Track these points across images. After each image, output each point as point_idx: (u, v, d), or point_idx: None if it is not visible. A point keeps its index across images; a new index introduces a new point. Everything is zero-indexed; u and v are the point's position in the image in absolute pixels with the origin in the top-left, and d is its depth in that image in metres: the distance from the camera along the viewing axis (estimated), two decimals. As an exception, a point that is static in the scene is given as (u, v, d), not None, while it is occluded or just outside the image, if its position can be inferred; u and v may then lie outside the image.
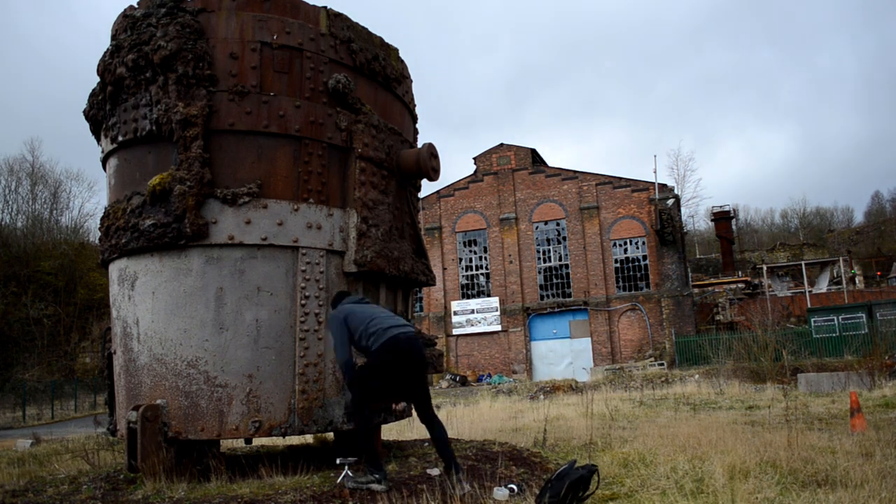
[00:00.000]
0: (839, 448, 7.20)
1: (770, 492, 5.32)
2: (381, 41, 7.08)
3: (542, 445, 8.30)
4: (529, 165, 39.89)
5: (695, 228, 73.96)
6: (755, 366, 22.26)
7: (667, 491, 5.47)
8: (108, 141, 6.48)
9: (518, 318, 38.63)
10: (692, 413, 12.69)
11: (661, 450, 7.50)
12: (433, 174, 7.04)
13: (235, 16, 6.10)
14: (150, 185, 5.85)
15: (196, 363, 5.72)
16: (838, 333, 29.46)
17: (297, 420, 5.86)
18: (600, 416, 12.43)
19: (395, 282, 6.92)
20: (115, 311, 6.41)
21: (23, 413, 30.40)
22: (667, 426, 10.03)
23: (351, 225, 6.32)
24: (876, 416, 10.58)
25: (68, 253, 47.80)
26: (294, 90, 6.18)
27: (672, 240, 36.01)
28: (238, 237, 5.83)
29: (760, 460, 6.55)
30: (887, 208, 76.27)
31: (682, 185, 55.65)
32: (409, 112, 7.71)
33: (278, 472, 5.85)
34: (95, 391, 36.25)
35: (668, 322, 35.82)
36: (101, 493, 5.51)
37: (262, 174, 5.99)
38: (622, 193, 37.94)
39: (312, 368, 5.96)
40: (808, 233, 75.99)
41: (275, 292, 5.90)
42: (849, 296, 41.50)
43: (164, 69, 5.89)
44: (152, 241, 5.80)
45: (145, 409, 5.60)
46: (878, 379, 17.59)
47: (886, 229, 64.41)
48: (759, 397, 15.76)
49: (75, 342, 46.25)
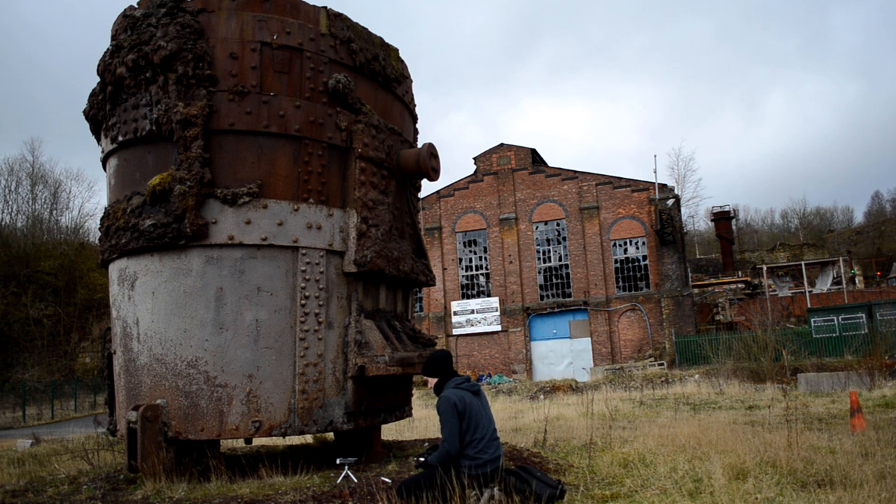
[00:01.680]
0: (839, 448, 7.20)
1: (770, 492, 5.32)
2: (381, 41, 7.08)
3: (542, 445, 8.30)
4: (529, 165, 39.88)
5: (695, 228, 74.00)
6: (755, 366, 22.26)
7: (667, 491, 5.48)
8: (108, 141, 6.48)
9: (518, 319, 38.63)
10: (692, 413, 12.69)
11: (661, 450, 7.50)
12: (433, 174, 7.04)
13: (235, 16, 6.10)
14: (150, 185, 5.85)
15: (196, 363, 5.72)
16: (838, 333, 29.44)
17: (297, 420, 5.86)
18: (600, 416, 12.44)
19: (395, 282, 6.92)
20: (115, 311, 6.41)
21: (23, 413, 30.40)
22: (667, 426, 10.03)
23: (351, 225, 6.32)
24: (876, 416, 10.58)
25: (68, 253, 47.79)
26: (294, 90, 6.18)
27: (672, 240, 36.01)
28: (238, 237, 5.83)
29: (760, 460, 6.55)
30: (887, 208, 76.30)
31: (682, 185, 55.63)
32: (409, 112, 7.71)
33: (278, 472, 5.85)
34: (95, 391, 36.25)
35: (668, 322, 35.82)
36: (101, 494, 5.51)
37: (262, 174, 5.99)
38: (622, 193, 37.93)
39: (312, 368, 5.96)
40: (808, 233, 75.97)
41: (275, 292, 5.90)
42: (849, 296, 41.49)
43: (164, 69, 5.89)
44: (152, 241, 5.80)
45: (145, 409, 5.60)
46: (878, 379, 17.59)
47: (886, 229, 64.38)
48: (759, 397, 15.76)
49: (75, 342, 46.23)
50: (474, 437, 4.80)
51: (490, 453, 4.84)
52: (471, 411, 4.82)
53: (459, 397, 4.84)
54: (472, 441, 4.79)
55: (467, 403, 4.82)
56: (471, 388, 5.00)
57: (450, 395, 4.88)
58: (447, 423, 4.81)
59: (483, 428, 4.85)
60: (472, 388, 5.01)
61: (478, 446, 4.81)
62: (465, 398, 4.85)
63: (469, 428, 4.80)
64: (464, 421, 4.78)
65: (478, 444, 4.81)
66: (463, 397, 4.85)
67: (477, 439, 4.80)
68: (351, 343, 6.20)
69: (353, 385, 6.20)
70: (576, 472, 6.62)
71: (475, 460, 4.78)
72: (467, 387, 4.98)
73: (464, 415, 4.79)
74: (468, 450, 4.79)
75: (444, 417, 4.84)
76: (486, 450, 4.83)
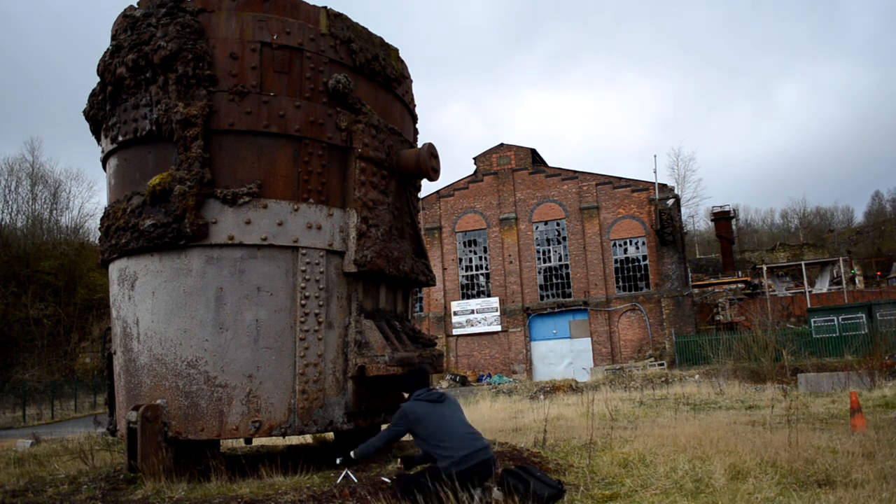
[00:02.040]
0: (839, 448, 7.19)
1: (770, 492, 5.32)
2: (381, 41, 7.08)
3: (542, 445, 8.30)
4: (529, 165, 39.89)
5: (695, 228, 73.99)
6: (755, 366, 22.26)
7: (667, 491, 5.48)
8: (108, 141, 6.48)
9: (518, 319, 38.63)
10: (692, 413, 12.68)
11: (661, 450, 7.49)
12: (433, 174, 7.04)
13: (235, 16, 6.10)
14: (150, 185, 5.85)
15: (196, 363, 5.72)
16: (838, 333, 29.43)
17: (297, 420, 5.86)
18: (600, 416, 12.43)
19: (395, 282, 6.92)
20: (115, 311, 6.41)
21: (23, 413, 30.38)
22: (667, 426, 10.03)
23: (351, 225, 6.32)
24: (876, 416, 10.58)
25: (68, 253, 47.78)
26: (294, 90, 6.18)
27: (672, 240, 36.01)
28: (238, 237, 5.83)
29: (761, 460, 6.55)
30: (887, 208, 76.26)
31: (682, 185, 55.66)
32: (409, 112, 7.71)
33: (278, 472, 5.85)
34: (95, 391, 36.24)
35: (668, 322, 35.82)
36: (101, 494, 5.51)
37: (262, 174, 5.99)
38: (622, 193, 37.92)
39: (312, 368, 5.96)
40: (808, 233, 75.96)
41: (275, 292, 5.90)
42: (849, 296, 41.48)
43: (164, 69, 5.89)
44: (152, 241, 5.80)
45: (145, 410, 5.60)
46: (878, 379, 17.59)
47: (886, 229, 64.36)
48: (759, 397, 15.75)
49: (75, 342, 46.23)
50: (442, 438, 5.01)
51: (464, 450, 4.94)
52: (429, 418, 5.10)
53: (412, 409, 5.16)
54: (442, 442, 5.00)
55: (422, 413, 5.13)
56: (429, 398, 5.28)
57: (405, 406, 5.23)
58: (390, 426, 5.25)
59: (450, 430, 5.06)
60: (431, 398, 5.28)
61: (450, 443, 4.97)
62: (420, 409, 5.15)
63: (434, 433, 5.04)
64: (418, 428, 5.07)
65: (448, 441, 4.98)
66: (416, 408, 5.15)
67: (446, 438, 5.00)
68: (351, 343, 6.20)
69: (353, 385, 6.20)
70: (576, 472, 6.61)
71: (450, 458, 4.91)
72: (425, 397, 5.28)
73: (419, 423, 5.07)
74: (439, 450, 4.98)
75: (392, 421, 5.26)
76: (460, 448, 4.96)
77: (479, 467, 4.96)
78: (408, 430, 5.14)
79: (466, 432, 5.12)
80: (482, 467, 4.98)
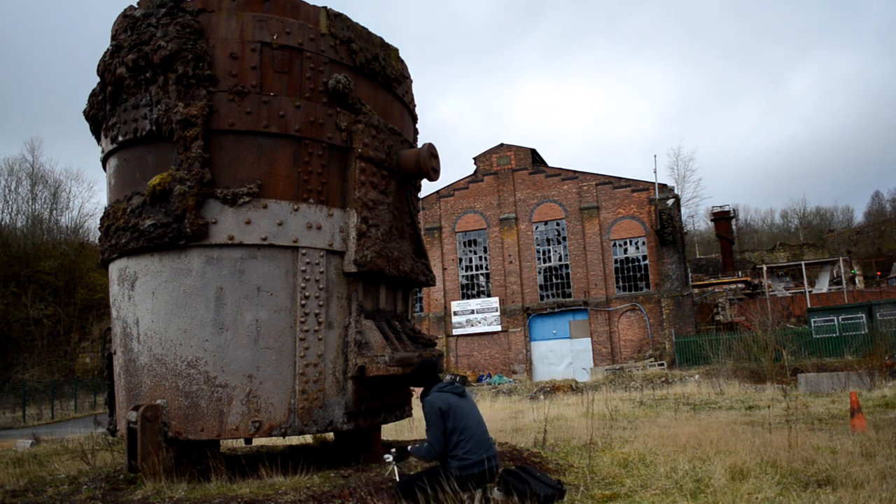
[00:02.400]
0: (839, 448, 7.19)
1: (770, 492, 5.32)
2: (381, 41, 7.08)
3: (542, 445, 8.30)
4: (529, 165, 39.88)
5: (695, 228, 73.97)
6: (755, 366, 22.27)
7: (667, 491, 5.48)
8: (108, 141, 6.48)
9: (518, 319, 38.62)
10: (692, 413, 12.68)
11: (661, 450, 7.49)
12: (433, 174, 7.04)
13: (235, 16, 6.09)
14: (150, 185, 5.84)
15: (196, 363, 5.72)
16: (838, 333, 29.42)
17: (297, 420, 5.86)
18: (600, 417, 12.43)
19: (395, 282, 6.91)
20: (115, 311, 6.40)
21: (23, 413, 30.38)
22: (667, 426, 10.03)
23: (351, 225, 6.32)
24: (876, 416, 10.58)
25: (68, 253, 47.78)
26: (294, 90, 6.18)
27: (672, 240, 36.00)
28: (238, 237, 5.83)
29: (761, 460, 6.55)
30: (887, 208, 76.24)
31: (682, 185, 55.65)
32: (409, 112, 7.71)
33: (278, 472, 5.85)
34: (95, 391, 36.22)
35: (668, 322, 35.81)
36: (101, 494, 5.50)
37: (262, 174, 5.99)
38: (622, 193, 37.92)
39: (312, 369, 5.96)
40: (808, 233, 75.93)
41: (275, 292, 5.90)
42: (849, 296, 41.47)
43: (164, 69, 5.89)
44: (152, 241, 5.80)
45: (145, 410, 5.59)
46: (878, 379, 17.59)
47: (886, 229, 64.34)
48: (759, 397, 15.75)
49: (75, 342, 46.22)
50: (462, 438, 4.85)
51: (478, 455, 4.85)
52: (456, 412, 4.88)
53: (443, 400, 4.92)
54: (461, 442, 4.84)
55: (451, 405, 4.90)
56: (454, 391, 5.07)
57: (433, 398, 4.96)
58: (432, 424, 4.89)
59: (471, 429, 4.90)
60: (456, 391, 5.08)
61: (466, 446, 4.85)
62: (450, 400, 4.93)
63: (456, 429, 4.86)
64: (448, 421, 4.85)
65: (466, 444, 4.85)
66: (447, 399, 4.93)
67: (465, 440, 4.85)
68: (351, 343, 6.20)
69: (353, 385, 6.19)
70: (576, 472, 6.61)
71: (462, 461, 4.81)
72: (450, 389, 5.06)
73: (448, 415, 4.85)
74: (456, 450, 4.84)
75: (428, 419, 4.93)
76: (474, 451, 4.85)
77: (482, 475, 4.91)
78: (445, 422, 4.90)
79: (484, 437, 5.01)
80: (483, 473, 4.93)
